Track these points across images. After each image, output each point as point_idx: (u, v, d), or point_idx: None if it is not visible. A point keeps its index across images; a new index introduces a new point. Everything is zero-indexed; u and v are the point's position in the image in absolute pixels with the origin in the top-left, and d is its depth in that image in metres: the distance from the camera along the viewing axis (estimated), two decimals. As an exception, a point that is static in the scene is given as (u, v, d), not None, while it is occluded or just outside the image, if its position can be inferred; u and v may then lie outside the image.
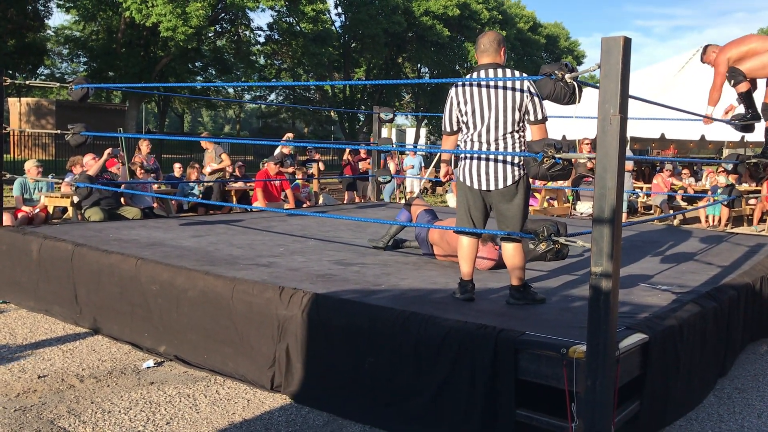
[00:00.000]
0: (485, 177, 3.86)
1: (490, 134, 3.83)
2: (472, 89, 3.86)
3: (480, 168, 3.87)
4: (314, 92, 41.26)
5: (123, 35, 26.17)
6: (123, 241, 5.60)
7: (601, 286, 2.85)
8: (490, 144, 3.84)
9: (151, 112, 53.92)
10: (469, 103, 3.87)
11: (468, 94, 3.88)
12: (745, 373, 4.47)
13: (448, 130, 4.03)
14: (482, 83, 3.82)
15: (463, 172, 3.97)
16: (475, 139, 3.88)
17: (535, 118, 3.81)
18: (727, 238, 7.06)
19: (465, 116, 3.91)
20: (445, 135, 4.07)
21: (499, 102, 3.79)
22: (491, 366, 3.14)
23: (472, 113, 3.87)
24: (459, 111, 3.93)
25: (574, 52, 49.27)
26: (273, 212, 8.28)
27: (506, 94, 3.78)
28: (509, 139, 3.81)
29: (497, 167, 3.83)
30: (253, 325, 3.96)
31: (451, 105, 3.98)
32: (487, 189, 3.88)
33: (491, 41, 3.89)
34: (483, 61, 3.90)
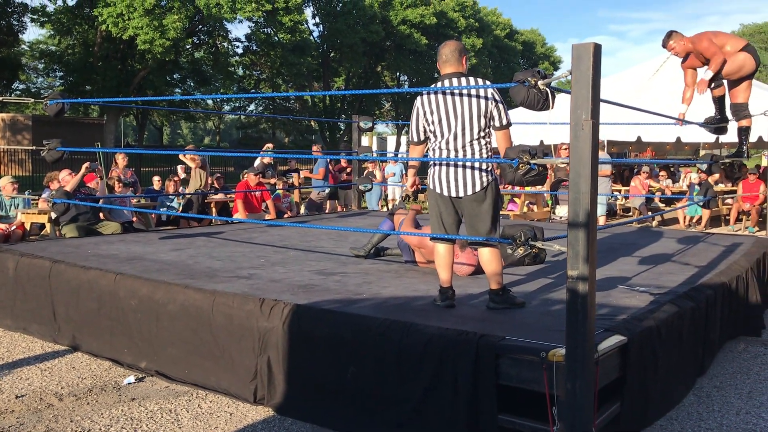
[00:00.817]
0: (454, 184, 3.90)
1: (457, 141, 3.88)
2: (438, 98, 3.90)
3: (449, 175, 3.91)
4: (294, 102, 41.24)
5: (99, 49, 26.01)
6: (101, 256, 5.56)
7: (578, 289, 2.88)
8: (457, 151, 3.88)
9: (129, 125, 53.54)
10: (435, 112, 3.91)
11: (434, 103, 3.92)
12: (724, 372, 4.53)
13: (415, 140, 4.08)
14: (447, 92, 3.86)
15: (433, 179, 4.01)
16: (443, 146, 3.92)
17: (500, 123, 3.86)
18: (704, 238, 7.14)
19: (432, 125, 3.95)
20: (413, 144, 4.11)
21: (465, 110, 3.83)
22: (473, 372, 3.15)
23: (438, 122, 3.91)
24: (426, 120, 3.97)
25: (551, 57, 49.66)
26: (254, 223, 8.26)
27: (471, 101, 3.83)
28: (476, 145, 3.86)
29: (465, 173, 3.87)
30: (234, 338, 3.94)
31: (417, 115, 4.02)
32: (456, 195, 3.92)
33: (453, 51, 3.94)
34: (446, 70, 3.95)
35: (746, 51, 6.06)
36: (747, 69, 6.14)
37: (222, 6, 23.65)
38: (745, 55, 6.03)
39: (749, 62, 6.07)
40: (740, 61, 6.04)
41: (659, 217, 13.94)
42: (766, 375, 4.47)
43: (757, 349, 5.06)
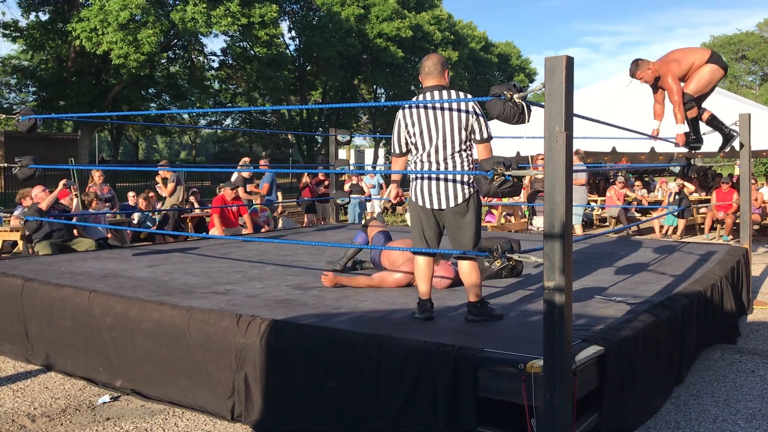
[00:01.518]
0: (437, 196, 3.91)
1: (438, 154, 3.89)
2: (419, 111, 3.91)
3: (431, 188, 3.92)
4: (271, 116, 41.19)
5: (73, 64, 25.81)
6: (75, 273, 5.48)
7: (555, 300, 2.89)
8: (439, 164, 3.89)
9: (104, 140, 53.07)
10: (416, 124, 3.92)
11: (415, 116, 3.93)
12: (700, 380, 4.56)
13: (397, 152, 4.08)
14: (428, 105, 3.88)
15: (415, 192, 4.01)
16: (425, 159, 3.93)
17: (481, 137, 3.89)
18: (679, 247, 7.22)
19: (413, 137, 3.95)
20: (395, 156, 4.11)
21: (446, 123, 3.85)
22: (451, 384, 3.14)
23: (420, 134, 3.92)
24: (407, 133, 3.98)
25: (526, 69, 50.20)
26: (230, 239, 8.19)
27: (452, 114, 3.84)
28: (457, 158, 3.87)
29: (448, 186, 3.88)
30: (211, 355, 3.90)
31: (399, 127, 4.03)
32: (439, 208, 3.93)
33: (435, 64, 3.96)
34: (428, 83, 3.96)
35: (712, 62, 6.15)
36: (716, 79, 6.24)
37: (197, 20, 23.61)
38: (710, 67, 6.12)
39: (717, 73, 6.17)
40: (708, 75, 6.12)
41: (635, 227, 14.09)
42: (741, 382, 4.51)
43: (733, 357, 5.11)
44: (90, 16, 22.14)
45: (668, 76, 6.03)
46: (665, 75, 6.07)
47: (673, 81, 6.00)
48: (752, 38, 50.91)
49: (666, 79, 6.06)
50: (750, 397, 4.23)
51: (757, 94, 45.67)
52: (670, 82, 6.02)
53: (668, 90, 6.08)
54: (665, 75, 6.07)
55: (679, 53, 6.20)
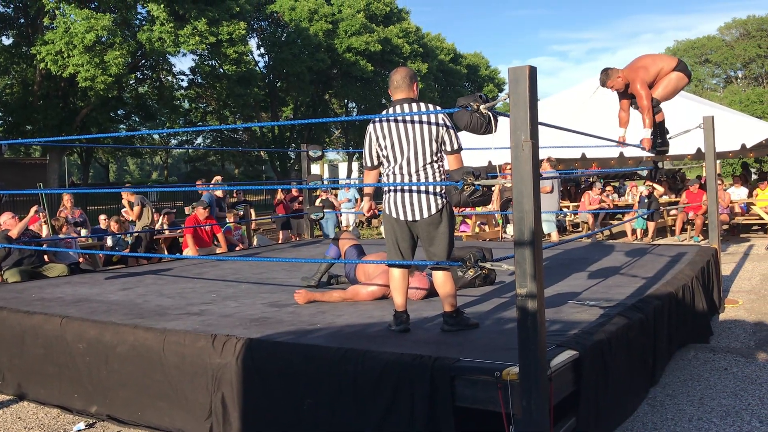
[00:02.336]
0: (410, 208, 3.93)
1: (410, 166, 3.91)
2: (390, 124, 3.94)
3: (404, 199, 3.94)
4: (242, 133, 41.05)
5: (39, 87, 25.49)
6: (47, 300, 5.40)
7: (528, 306, 2.91)
8: (411, 175, 3.92)
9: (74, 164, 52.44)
10: (387, 137, 3.95)
11: (386, 129, 3.95)
12: (675, 380, 4.62)
13: (369, 165, 4.10)
14: (399, 118, 3.91)
15: (388, 204, 4.03)
16: (397, 171, 3.96)
17: (451, 148, 3.92)
18: (650, 249, 7.32)
19: (385, 150, 3.98)
20: (367, 170, 4.13)
21: (417, 135, 3.88)
22: (429, 395, 3.15)
23: (391, 147, 3.94)
24: (378, 146, 4.01)
25: (495, 79, 50.70)
26: (204, 259, 8.13)
27: (422, 127, 3.88)
28: (429, 169, 3.90)
29: (420, 197, 3.90)
30: (187, 376, 3.86)
31: (370, 140, 4.05)
32: (413, 219, 3.95)
33: (403, 77, 4.00)
34: (397, 96, 4.00)
35: (678, 70, 6.27)
36: (681, 87, 6.35)
37: (165, 40, 23.49)
38: (677, 74, 6.24)
39: (683, 81, 6.29)
40: (674, 82, 6.23)
41: (608, 231, 14.25)
42: (715, 380, 4.58)
43: (707, 355, 5.18)
44: (55, 38, 21.90)
45: (637, 83, 6.13)
46: (634, 81, 6.16)
47: (642, 87, 6.09)
48: (714, 42, 52.04)
49: (635, 86, 6.15)
50: (724, 394, 4.30)
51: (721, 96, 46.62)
52: (639, 88, 6.11)
53: (638, 96, 6.17)
54: (634, 81, 6.16)
55: (647, 59, 6.30)
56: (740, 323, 6.17)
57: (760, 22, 49.35)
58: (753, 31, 49.64)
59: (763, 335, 5.72)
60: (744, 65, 51.78)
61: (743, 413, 3.97)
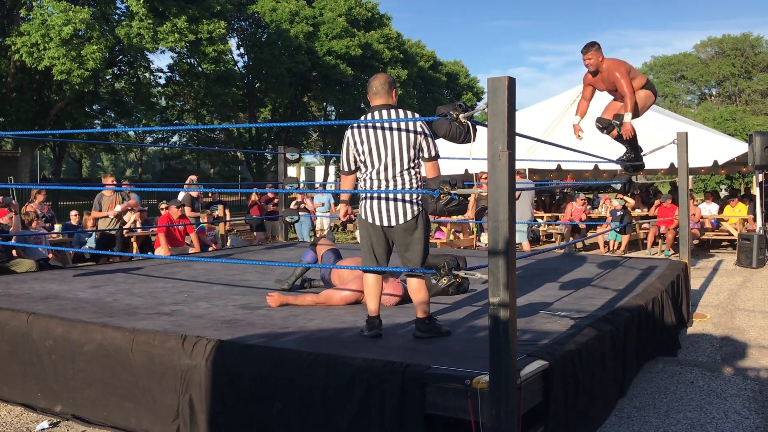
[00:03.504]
0: (386, 213, 3.93)
1: (387, 172, 3.92)
2: (368, 130, 3.95)
3: (381, 205, 3.95)
4: (219, 133, 40.74)
5: (13, 79, 25.05)
6: (14, 295, 5.30)
7: (500, 315, 2.93)
8: (388, 181, 3.92)
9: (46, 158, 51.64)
10: (365, 143, 3.96)
11: (364, 134, 3.97)
12: (643, 392, 4.67)
13: (346, 170, 4.12)
14: (377, 125, 3.92)
15: (365, 209, 4.04)
16: (374, 177, 3.96)
17: (429, 155, 3.94)
18: (622, 262, 7.40)
19: (362, 155, 3.99)
20: (344, 174, 4.15)
21: (395, 141, 3.89)
22: (399, 402, 3.15)
23: (369, 152, 3.95)
24: (356, 151, 4.01)
25: (474, 88, 50.94)
26: (176, 259, 8.05)
27: (401, 134, 3.89)
28: (406, 175, 3.91)
29: (397, 204, 3.91)
30: (155, 377, 3.81)
31: (348, 145, 4.06)
32: (388, 225, 3.95)
33: (383, 84, 4.01)
34: (376, 102, 4.01)
35: (647, 88, 6.34)
36: (649, 104, 6.43)
37: (143, 36, 23.24)
38: (646, 92, 6.31)
39: (650, 99, 6.37)
40: (644, 99, 6.30)
41: (580, 243, 14.39)
42: (682, 393, 4.64)
43: (674, 369, 5.25)
44: (31, 30, 21.54)
45: (620, 69, 6.06)
46: (617, 68, 6.05)
47: (623, 76, 6.06)
48: (690, 59, 52.83)
49: (614, 72, 6.06)
50: (689, 407, 4.35)
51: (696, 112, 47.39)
52: (618, 76, 6.05)
53: (618, 82, 6.07)
54: (617, 68, 6.05)
55: (628, 64, 6.30)
56: (707, 337, 6.26)
57: (734, 42, 50.25)
58: (728, 50, 50.51)
59: (729, 350, 5.81)
60: (718, 83, 52.67)
61: (708, 426, 4.02)
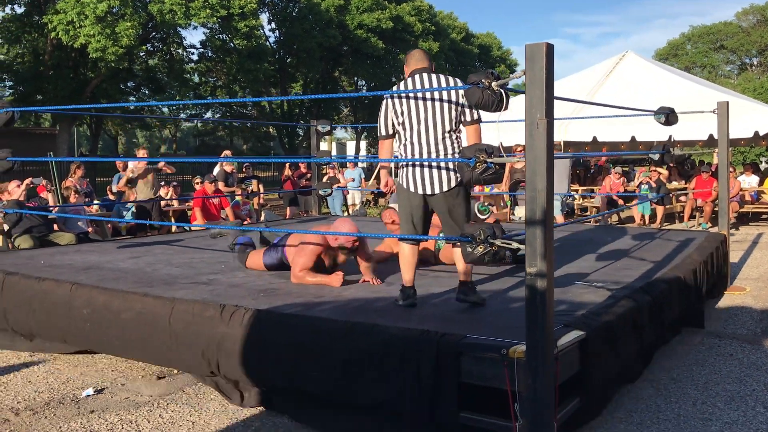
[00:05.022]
0: (429, 180, 3.89)
1: (429, 135, 3.86)
2: (408, 94, 3.88)
3: (423, 172, 3.91)
4: (251, 108, 40.92)
5: (50, 57, 25.44)
6: (57, 266, 5.43)
7: (537, 285, 2.92)
8: (429, 145, 3.87)
9: (83, 135, 52.47)
10: (404, 104, 3.89)
11: (404, 97, 3.90)
12: (680, 364, 4.63)
13: (384, 134, 4.02)
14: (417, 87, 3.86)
15: (406, 178, 3.98)
16: (415, 141, 3.89)
17: (471, 118, 3.89)
18: (659, 234, 7.30)
19: (401, 117, 3.91)
20: (382, 139, 4.04)
21: (436, 103, 3.83)
22: (434, 371, 3.17)
23: (408, 113, 3.88)
24: (394, 113, 3.94)
25: (507, 60, 50.32)
26: (212, 227, 8.15)
27: (441, 95, 3.84)
28: (447, 140, 3.86)
29: (440, 171, 3.87)
30: (192, 346, 3.88)
31: (386, 108, 3.98)
32: (431, 193, 3.92)
33: (424, 54, 4.01)
34: (420, 65, 3.96)
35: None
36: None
37: (176, 12, 23.34)
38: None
39: None
40: None
41: (616, 216, 14.20)
42: (720, 366, 4.58)
43: (712, 341, 5.18)
44: (66, 8, 21.80)
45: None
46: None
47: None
48: (730, 28, 51.27)
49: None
50: (729, 380, 4.30)
51: (735, 83, 46.13)
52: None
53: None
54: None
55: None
56: (747, 310, 6.16)
57: (778, 9, 48.60)
58: (771, 17, 48.91)
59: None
60: (760, 52, 51.07)
61: (748, 399, 3.98)
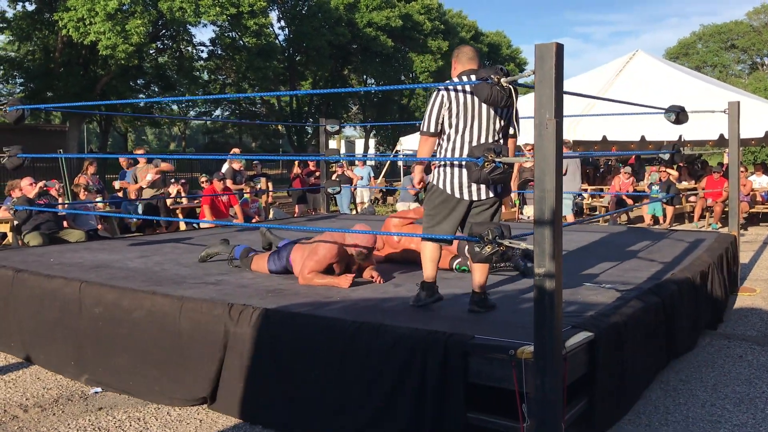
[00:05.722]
0: (476, 188, 3.82)
1: (480, 141, 3.75)
2: (465, 93, 3.74)
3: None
4: (261, 106, 40.97)
5: (61, 54, 25.55)
6: (66, 264, 5.45)
7: (545, 286, 2.90)
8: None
9: (93, 132, 52.69)
10: (462, 104, 3.74)
11: (461, 95, 3.75)
12: (689, 365, 4.60)
13: (431, 131, 3.84)
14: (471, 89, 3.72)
15: (450, 182, 3.85)
16: (465, 145, 3.76)
17: (515, 131, 3.86)
18: (668, 234, 7.26)
19: (455, 118, 3.77)
20: (426, 136, 3.87)
21: (490, 110, 3.73)
22: (441, 371, 3.16)
23: (464, 115, 3.75)
24: (449, 111, 3.77)
25: (516, 59, 50.11)
26: (222, 229, 8.18)
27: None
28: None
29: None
30: (200, 344, 3.89)
31: (441, 104, 3.79)
32: (477, 199, 3.86)
33: (476, 53, 3.93)
34: (471, 67, 3.88)
35: None
36: None
37: (185, 10, 23.39)
38: None
39: None
40: None
41: (625, 216, 14.15)
42: (729, 367, 4.56)
43: (721, 342, 5.15)
44: (77, 5, 21.87)
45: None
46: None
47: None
48: (741, 27, 50.95)
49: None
50: (738, 381, 4.28)
51: (746, 83, 45.82)
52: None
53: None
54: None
55: None
56: (757, 311, 6.13)
57: (790, 8, 48.24)
58: (783, 16, 48.55)
59: (780, 324, 5.68)
60: (771, 52, 50.80)
61: (757, 401, 3.95)
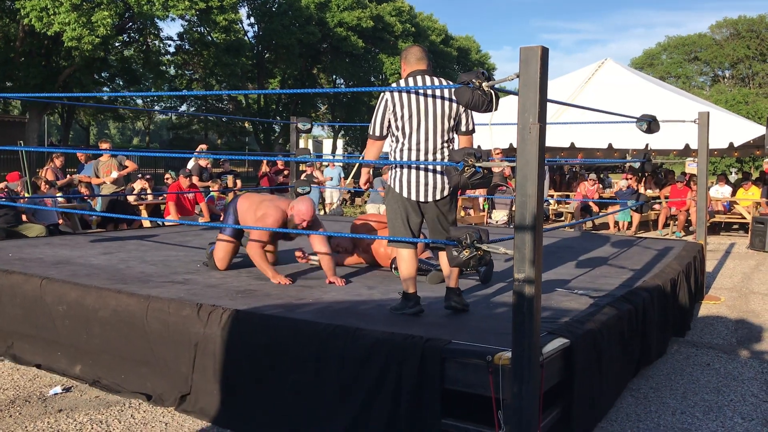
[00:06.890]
0: (424, 188, 3.82)
1: (428, 143, 3.77)
2: (410, 95, 3.76)
3: (419, 178, 3.82)
4: (227, 103, 40.52)
5: (22, 44, 24.88)
6: (26, 260, 5.27)
7: (525, 291, 2.87)
8: (428, 153, 3.79)
9: (54, 124, 51.55)
10: (406, 107, 3.76)
11: (405, 98, 3.77)
12: (659, 373, 4.63)
13: (377, 135, 3.87)
14: (419, 91, 3.75)
15: (399, 182, 3.88)
16: (413, 147, 3.79)
17: (466, 128, 3.83)
18: (637, 242, 7.33)
19: (400, 121, 3.79)
20: (373, 140, 3.91)
21: (437, 109, 3.75)
22: (417, 376, 3.10)
23: (408, 118, 3.76)
24: (393, 115, 3.79)
25: (485, 64, 50.43)
26: (187, 227, 8.02)
27: (443, 102, 3.76)
28: (445, 149, 3.80)
29: (436, 178, 3.80)
30: (170, 345, 3.78)
31: (385, 108, 3.82)
32: (425, 200, 3.85)
33: (424, 53, 3.92)
34: (418, 67, 3.87)
35: None
36: None
37: (154, 3, 23.01)
38: None
39: None
40: None
41: (591, 222, 14.30)
42: (698, 375, 4.59)
43: (690, 350, 5.20)
44: (40, -6, 21.36)
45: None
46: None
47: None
48: (704, 40, 52.12)
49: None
50: (706, 390, 4.31)
51: (708, 94, 46.86)
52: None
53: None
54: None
55: None
56: (722, 320, 6.21)
57: (750, 23, 49.46)
58: (743, 31, 49.75)
59: (745, 332, 5.76)
60: (732, 65, 52.00)
61: (725, 409, 3.98)
